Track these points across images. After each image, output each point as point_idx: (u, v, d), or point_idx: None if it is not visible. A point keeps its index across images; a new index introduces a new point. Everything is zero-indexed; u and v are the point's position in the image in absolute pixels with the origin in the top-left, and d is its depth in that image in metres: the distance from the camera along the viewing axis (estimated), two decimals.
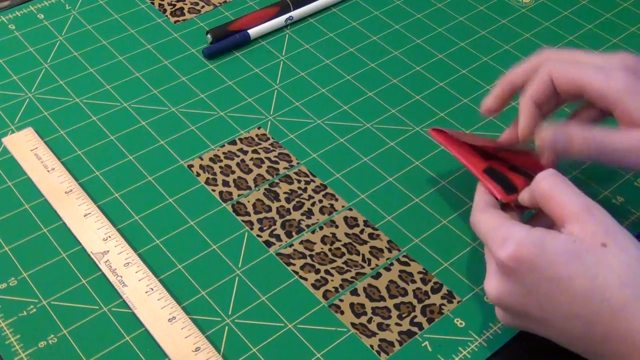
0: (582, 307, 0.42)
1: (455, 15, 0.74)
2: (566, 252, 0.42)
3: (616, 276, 0.41)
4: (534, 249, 0.42)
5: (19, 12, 0.73)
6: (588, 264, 0.41)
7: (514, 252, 0.43)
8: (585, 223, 0.43)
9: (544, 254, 0.42)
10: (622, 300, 0.41)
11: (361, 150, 0.61)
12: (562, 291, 0.42)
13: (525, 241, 0.43)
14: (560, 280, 0.42)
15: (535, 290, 0.43)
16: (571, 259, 0.42)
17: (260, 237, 0.55)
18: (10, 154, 0.60)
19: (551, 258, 0.42)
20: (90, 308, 0.51)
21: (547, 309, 0.43)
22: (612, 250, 0.42)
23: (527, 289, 0.43)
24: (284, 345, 0.49)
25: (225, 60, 0.69)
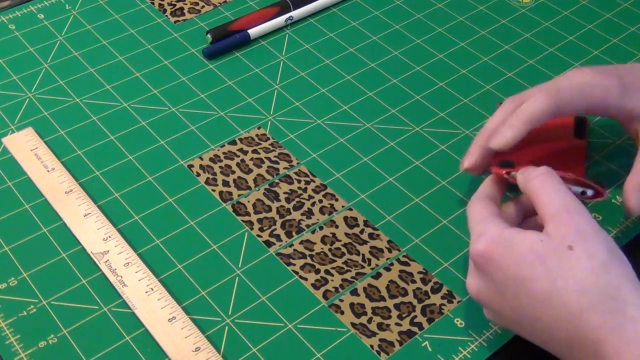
0: (543, 309, 0.42)
1: (455, 15, 0.74)
2: (531, 253, 0.43)
3: (576, 282, 0.41)
4: (501, 248, 0.44)
5: (19, 12, 0.73)
6: (550, 267, 0.42)
7: (483, 249, 0.44)
8: (559, 224, 0.43)
9: (511, 253, 0.43)
10: (579, 307, 0.41)
11: (361, 150, 0.61)
12: (526, 292, 0.43)
13: (495, 239, 0.44)
14: (523, 281, 0.43)
15: (503, 289, 0.44)
16: (535, 260, 0.42)
17: (260, 237, 0.55)
18: (10, 154, 0.60)
19: (517, 258, 0.43)
20: (90, 308, 0.51)
21: (515, 309, 0.44)
22: (578, 254, 0.42)
23: (496, 287, 0.44)
24: (284, 345, 0.49)
25: (225, 60, 0.69)
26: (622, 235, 0.55)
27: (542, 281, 0.42)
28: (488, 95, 0.66)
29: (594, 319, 0.40)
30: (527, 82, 0.67)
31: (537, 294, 0.42)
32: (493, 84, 0.67)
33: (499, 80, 0.67)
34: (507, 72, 0.68)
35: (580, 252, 0.42)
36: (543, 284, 0.42)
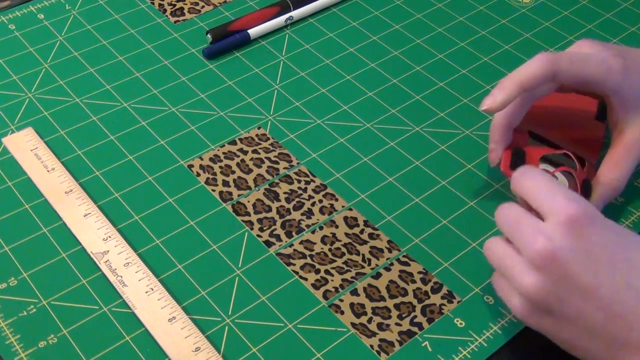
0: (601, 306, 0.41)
1: (455, 15, 0.74)
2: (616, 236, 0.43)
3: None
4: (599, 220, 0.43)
5: (19, 12, 0.73)
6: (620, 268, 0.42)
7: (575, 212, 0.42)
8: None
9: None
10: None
11: (361, 150, 0.61)
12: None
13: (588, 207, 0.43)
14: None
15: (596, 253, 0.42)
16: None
17: (260, 237, 0.55)
18: (10, 154, 0.60)
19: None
20: (90, 308, 0.51)
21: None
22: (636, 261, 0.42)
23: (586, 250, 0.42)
24: (284, 345, 0.49)
25: (225, 60, 0.69)
26: None
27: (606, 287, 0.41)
28: None
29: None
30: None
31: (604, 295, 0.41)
32: (493, 84, 0.67)
33: (498, 80, 0.67)
34: (507, 72, 0.68)
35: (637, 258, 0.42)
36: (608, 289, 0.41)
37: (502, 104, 0.51)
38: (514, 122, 0.55)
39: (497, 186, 0.59)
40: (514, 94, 0.51)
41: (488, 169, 0.60)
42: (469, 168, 0.60)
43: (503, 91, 0.51)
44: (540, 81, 0.51)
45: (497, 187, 0.59)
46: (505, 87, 0.51)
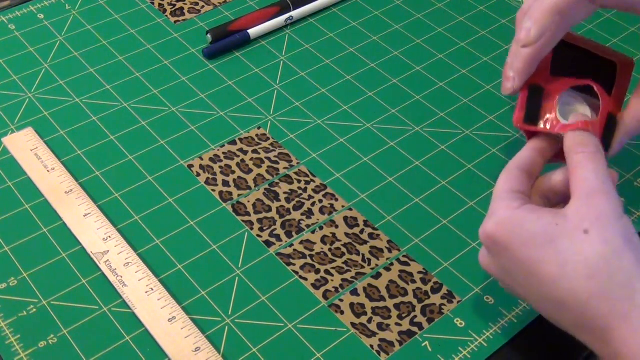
0: (551, 292, 0.41)
1: (455, 15, 0.74)
2: (542, 235, 0.41)
3: (586, 266, 0.40)
4: (509, 231, 0.43)
5: (19, 12, 0.73)
6: (560, 250, 0.41)
7: (490, 231, 0.43)
8: (582, 205, 0.42)
9: (519, 235, 0.42)
10: (587, 293, 0.40)
11: (361, 150, 0.61)
12: (533, 274, 0.42)
13: (504, 221, 0.43)
14: (532, 263, 0.42)
15: (511, 270, 0.43)
16: (545, 242, 0.41)
17: (260, 237, 0.55)
18: (10, 154, 0.60)
19: (526, 239, 0.42)
20: (90, 308, 0.51)
21: (524, 287, 0.43)
22: (592, 238, 0.40)
23: (504, 267, 0.44)
24: (284, 345, 0.49)
25: (225, 60, 0.69)
26: None
27: (551, 264, 0.41)
28: (488, 95, 0.66)
29: (601, 306, 0.39)
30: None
31: (545, 276, 0.41)
32: (493, 84, 0.67)
33: (498, 80, 0.67)
34: None
35: (594, 236, 0.40)
36: (552, 267, 0.41)
37: (538, 38, 0.47)
38: (544, 52, 0.48)
39: None
40: (549, 23, 0.46)
41: (488, 169, 0.60)
42: (469, 168, 0.60)
43: (537, 23, 0.46)
44: (573, 5, 0.46)
45: None
46: (538, 18, 0.46)
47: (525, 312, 0.51)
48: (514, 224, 0.43)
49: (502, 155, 0.61)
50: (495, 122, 0.64)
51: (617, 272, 0.39)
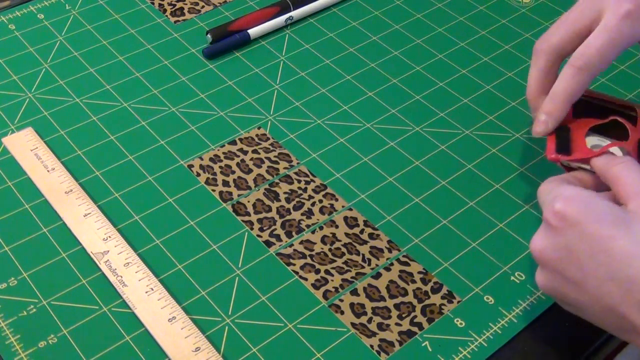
0: (620, 269, 0.40)
1: (455, 15, 0.74)
2: (615, 215, 0.42)
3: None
4: (581, 206, 0.43)
5: (19, 12, 0.73)
6: (635, 231, 0.41)
7: (560, 208, 0.43)
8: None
9: (589, 211, 0.42)
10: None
11: (361, 150, 0.61)
12: (603, 250, 0.41)
13: (573, 198, 0.43)
14: (602, 239, 0.41)
15: (576, 246, 0.42)
16: (617, 221, 0.41)
17: (260, 237, 0.55)
18: (10, 154, 0.60)
19: (597, 216, 0.42)
20: (90, 308, 0.51)
21: (586, 268, 0.42)
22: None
23: (568, 243, 0.43)
24: (284, 345, 0.49)
25: (225, 60, 0.69)
26: None
27: (622, 240, 0.41)
28: (488, 95, 0.66)
29: None
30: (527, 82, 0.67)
31: (615, 252, 0.41)
32: (493, 84, 0.67)
33: (499, 80, 0.67)
34: (507, 72, 0.68)
35: None
36: (624, 244, 0.41)
37: (554, 127, 0.51)
38: (578, 94, 0.51)
39: (498, 186, 0.59)
40: (563, 111, 0.51)
41: (488, 169, 0.60)
42: (469, 168, 0.60)
43: (551, 115, 0.52)
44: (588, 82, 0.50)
45: (497, 187, 0.59)
46: (551, 111, 0.51)
47: (525, 313, 0.51)
48: (585, 200, 0.43)
49: (502, 155, 0.61)
50: (495, 122, 0.64)
51: None
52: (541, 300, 0.52)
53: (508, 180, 0.59)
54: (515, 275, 0.53)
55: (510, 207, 0.57)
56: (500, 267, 0.53)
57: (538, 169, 0.60)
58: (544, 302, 0.51)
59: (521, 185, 0.59)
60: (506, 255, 0.54)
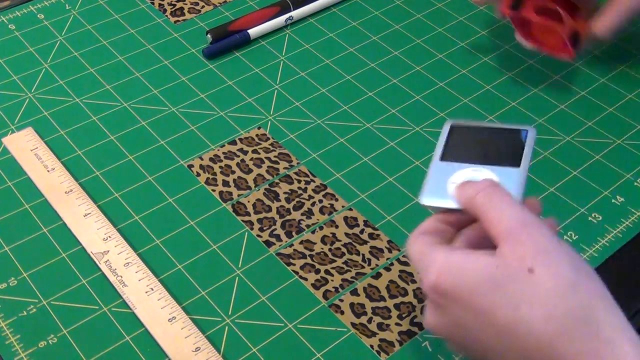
0: (510, 340, 0.37)
1: (455, 15, 0.74)
2: (488, 281, 0.38)
3: (541, 307, 0.37)
4: (453, 277, 0.39)
5: (19, 12, 0.73)
6: (511, 294, 0.37)
7: (434, 281, 0.39)
8: (515, 244, 0.38)
9: (464, 282, 0.38)
10: (548, 336, 0.36)
11: (361, 150, 0.61)
12: (487, 324, 0.38)
13: (444, 267, 0.39)
14: (483, 312, 0.38)
15: (462, 322, 0.39)
16: (493, 288, 0.38)
17: (260, 237, 0.55)
18: (10, 154, 0.60)
19: (472, 288, 0.38)
20: (90, 308, 0.51)
21: (480, 342, 0.39)
22: (539, 276, 0.37)
23: (456, 321, 0.40)
24: (284, 345, 0.49)
25: (225, 60, 0.69)
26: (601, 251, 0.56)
27: (503, 310, 0.37)
28: (488, 95, 0.66)
29: (566, 347, 0.36)
30: (527, 82, 0.67)
31: (500, 325, 0.37)
32: (493, 84, 0.67)
33: (498, 81, 0.67)
34: (507, 72, 0.68)
35: (542, 273, 0.37)
36: (506, 313, 0.37)
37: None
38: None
39: None
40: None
41: None
42: None
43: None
44: None
45: None
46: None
47: None
48: (456, 270, 0.39)
49: None
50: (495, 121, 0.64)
51: (575, 307, 0.36)
52: None
53: None
54: None
55: None
56: None
57: (538, 169, 0.60)
58: None
59: None
60: None
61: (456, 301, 0.39)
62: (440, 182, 0.44)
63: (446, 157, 0.45)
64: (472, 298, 0.38)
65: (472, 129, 0.47)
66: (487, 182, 0.42)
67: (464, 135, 0.46)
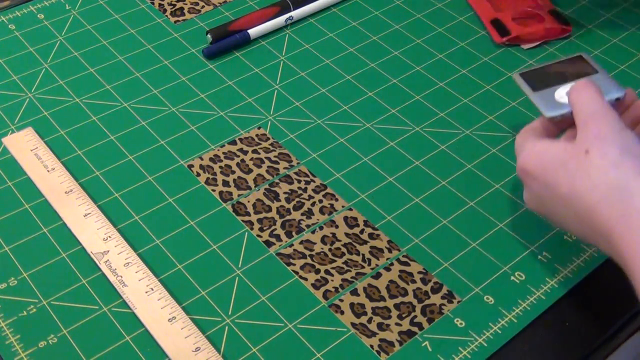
0: (566, 210, 0.47)
1: (455, 15, 0.74)
2: (556, 160, 0.47)
3: (589, 179, 0.45)
4: (534, 160, 0.49)
5: (19, 12, 0.73)
6: (570, 170, 0.46)
7: (521, 164, 0.50)
8: (583, 131, 0.47)
9: (540, 163, 0.48)
10: (591, 202, 0.45)
11: (361, 150, 0.61)
12: (554, 195, 0.48)
13: (529, 154, 0.49)
14: (551, 186, 0.48)
15: (540, 195, 0.49)
16: (559, 166, 0.47)
17: (260, 237, 0.55)
18: (10, 154, 0.60)
19: (545, 166, 0.48)
20: (90, 308, 0.51)
21: (553, 211, 0.49)
22: (592, 156, 0.45)
23: (535, 195, 0.50)
24: (284, 345, 0.49)
25: (225, 60, 0.69)
26: None
27: (564, 185, 0.46)
28: (488, 95, 0.66)
29: (603, 211, 0.44)
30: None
31: (560, 196, 0.47)
32: (493, 84, 0.67)
33: (498, 81, 0.67)
34: (507, 72, 0.68)
35: (594, 153, 0.45)
36: (564, 187, 0.46)
37: None
38: None
39: (497, 186, 0.59)
40: None
41: (488, 169, 0.60)
42: (469, 168, 0.60)
43: None
44: None
45: (497, 187, 0.59)
46: None
47: (525, 313, 0.51)
48: (538, 155, 0.49)
49: (502, 155, 0.61)
50: (495, 122, 0.64)
51: (615, 179, 0.44)
52: (541, 300, 0.52)
53: (508, 180, 0.59)
54: (515, 275, 0.53)
55: (510, 207, 0.57)
56: (500, 267, 0.53)
57: None
58: (544, 302, 0.51)
59: (521, 185, 0.59)
60: (506, 255, 0.54)
61: (535, 179, 0.49)
62: (549, 101, 0.52)
63: (537, 88, 0.53)
64: (545, 174, 0.48)
65: (537, 70, 0.55)
66: (581, 81, 0.50)
67: (535, 74, 0.55)
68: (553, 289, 0.52)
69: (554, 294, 0.52)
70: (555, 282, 0.53)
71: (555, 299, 0.52)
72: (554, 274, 0.53)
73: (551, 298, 0.52)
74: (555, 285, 0.52)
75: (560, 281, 0.53)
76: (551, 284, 0.52)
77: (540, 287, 0.52)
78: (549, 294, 0.52)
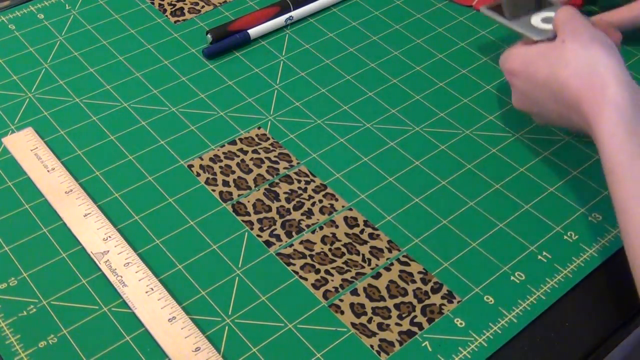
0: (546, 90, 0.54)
1: (456, 15, 0.74)
2: (537, 55, 0.55)
3: (564, 60, 0.52)
4: (517, 58, 0.56)
5: (19, 12, 0.73)
6: (549, 59, 0.53)
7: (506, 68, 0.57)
8: (561, 31, 0.54)
9: (523, 61, 0.56)
10: (565, 76, 0.52)
11: (361, 150, 0.61)
12: (535, 85, 0.54)
13: (512, 55, 0.57)
14: (532, 77, 0.55)
15: (524, 90, 0.56)
16: (539, 58, 0.54)
17: (260, 237, 0.55)
18: (10, 154, 0.60)
19: (527, 62, 0.55)
20: (90, 308, 0.51)
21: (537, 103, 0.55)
22: (567, 43, 0.53)
23: (520, 92, 0.57)
24: (284, 345, 0.49)
25: (225, 60, 0.69)
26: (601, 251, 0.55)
27: (542, 71, 0.54)
28: (488, 95, 0.66)
29: (574, 83, 0.51)
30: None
31: (540, 83, 0.54)
32: (493, 84, 0.67)
33: (498, 80, 0.67)
34: None
35: (569, 41, 0.53)
36: (543, 73, 0.53)
37: None
38: None
39: (497, 186, 0.59)
40: None
41: (488, 169, 0.60)
42: (469, 168, 0.60)
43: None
44: None
45: (497, 187, 0.59)
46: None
47: (525, 313, 0.51)
48: (519, 53, 0.56)
49: (502, 155, 0.61)
50: (495, 122, 0.64)
51: (585, 57, 0.52)
52: (541, 300, 0.52)
53: (508, 180, 0.59)
54: (515, 275, 0.53)
55: (510, 207, 0.57)
56: (500, 267, 0.53)
57: (538, 169, 0.60)
58: (544, 302, 0.51)
59: (521, 185, 0.59)
60: (506, 255, 0.54)
61: (518, 75, 0.56)
62: (529, 27, 0.58)
63: (513, 15, 0.60)
64: (527, 68, 0.55)
65: (504, 2, 0.61)
66: (565, 6, 0.57)
67: (504, 6, 0.61)
68: (553, 289, 0.52)
69: (554, 294, 0.52)
70: (555, 282, 0.53)
71: (555, 299, 0.52)
72: (554, 274, 0.53)
73: (551, 298, 0.52)
74: (555, 285, 0.52)
75: (560, 281, 0.53)
76: (551, 284, 0.52)
77: (540, 287, 0.52)
78: (549, 294, 0.52)
